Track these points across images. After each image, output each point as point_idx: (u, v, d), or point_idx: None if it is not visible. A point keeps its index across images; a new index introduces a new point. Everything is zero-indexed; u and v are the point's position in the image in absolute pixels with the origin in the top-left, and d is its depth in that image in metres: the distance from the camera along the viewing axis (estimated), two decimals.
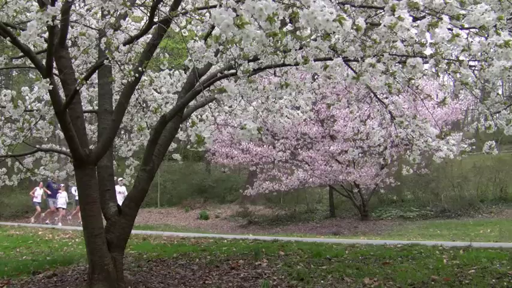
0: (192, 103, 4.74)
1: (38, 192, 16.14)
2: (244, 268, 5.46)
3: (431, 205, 15.63)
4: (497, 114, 3.87)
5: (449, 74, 2.97)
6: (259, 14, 1.80)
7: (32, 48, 4.12)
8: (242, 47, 3.39)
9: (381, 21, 2.18)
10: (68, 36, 4.14)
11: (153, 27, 3.66)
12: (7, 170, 5.53)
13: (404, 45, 2.94)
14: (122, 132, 6.41)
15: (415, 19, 2.56)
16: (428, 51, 2.96)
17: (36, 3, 3.54)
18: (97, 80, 5.06)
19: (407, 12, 2.06)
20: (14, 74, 26.56)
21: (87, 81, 4.12)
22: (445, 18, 2.15)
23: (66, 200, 15.78)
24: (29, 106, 4.86)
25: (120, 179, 14.53)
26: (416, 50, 2.99)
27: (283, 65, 3.45)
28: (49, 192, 15.84)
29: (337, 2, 2.76)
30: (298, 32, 2.87)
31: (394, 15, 2.04)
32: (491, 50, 2.41)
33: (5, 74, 26.50)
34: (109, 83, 4.77)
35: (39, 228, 13.51)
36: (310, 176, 14.56)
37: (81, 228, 5.00)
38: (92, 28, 4.16)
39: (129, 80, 3.89)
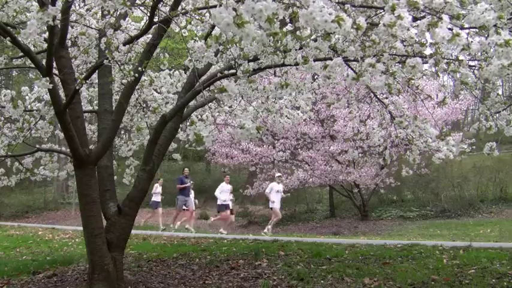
0: (192, 103, 4.74)
1: (158, 190, 13.82)
2: (244, 268, 5.46)
3: (431, 205, 15.65)
4: (497, 115, 3.87)
5: (449, 74, 2.97)
6: (259, 15, 1.80)
7: (32, 48, 4.13)
8: (242, 47, 3.39)
9: (380, 22, 2.17)
10: (68, 36, 4.14)
11: (153, 27, 3.66)
12: (6, 171, 5.52)
13: (404, 45, 2.94)
14: (122, 132, 6.41)
15: (415, 19, 2.56)
16: (428, 51, 2.96)
17: (36, 3, 3.54)
18: (97, 80, 5.06)
19: (407, 11, 2.06)
20: (14, 74, 26.57)
21: (87, 81, 4.13)
22: (445, 17, 2.15)
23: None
24: (28, 106, 4.86)
25: (278, 175, 12.77)
26: (416, 50, 2.99)
27: (283, 65, 3.45)
28: (182, 187, 12.90)
29: (337, 1, 2.76)
30: (298, 32, 2.87)
31: (393, 14, 2.04)
32: (491, 49, 2.41)
33: (5, 74, 26.53)
34: (109, 83, 4.77)
35: (39, 228, 13.51)
36: (310, 176, 14.58)
37: (80, 228, 5.01)
38: (92, 28, 4.16)
39: (129, 80, 3.90)
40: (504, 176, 16.26)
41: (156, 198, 13.82)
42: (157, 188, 13.79)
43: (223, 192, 12.44)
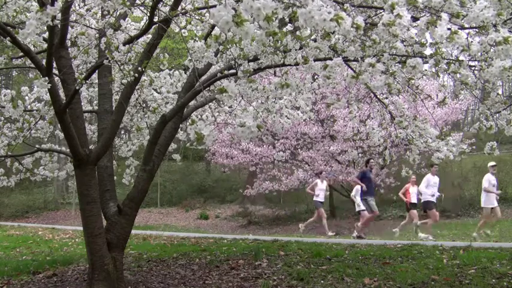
0: (192, 103, 4.74)
1: (321, 187, 11.18)
2: (244, 268, 5.46)
3: None
4: (497, 115, 3.87)
5: (449, 74, 2.97)
6: (258, 13, 1.80)
7: (32, 48, 4.13)
8: (242, 47, 3.39)
9: (380, 21, 2.18)
10: (68, 36, 4.14)
11: (153, 27, 3.66)
12: (6, 171, 5.52)
13: (404, 46, 2.94)
14: (122, 132, 6.42)
15: (415, 19, 2.56)
16: (428, 51, 2.96)
17: (36, 3, 3.54)
18: (97, 80, 5.06)
19: (406, 10, 2.06)
20: (14, 74, 26.57)
21: (87, 81, 4.13)
22: (444, 15, 2.15)
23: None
24: (28, 106, 4.86)
25: (493, 164, 9.56)
26: (416, 50, 2.99)
27: (283, 65, 3.45)
28: (364, 187, 9.81)
29: (336, 1, 2.76)
30: (298, 32, 2.87)
31: (393, 13, 2.04)
32: (491, 50, 2.41)
33: (5, 74, 26.53)
34: (109, 83, 4.77)
35: (39, 228, 13.52)
36: (310, 176, 14.57)
37: (80, 228, 5.01)
38: (92, 28, 4.16)
39: (129, 80, 3.90)
40: (504, 176, 16.26)
41: (319, 197, 11.17)
42: (318, 184, 11.18)
43: (430, 187, 9.69)
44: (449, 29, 2.22)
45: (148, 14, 3.42)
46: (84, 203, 4.28)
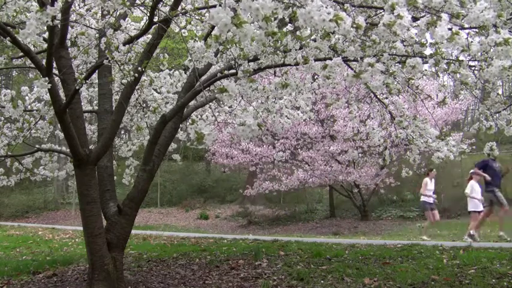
0: (192, 103, 4.74)
1: (430, 187, 9.59)
2: (244, 268, 5.46)
3: None
4: (497, 115, 3.87)
5: (449, 74, 2.97)
6: (256, 13, 1.80)
7: (32, 48, 4.13)
8: (242, 47, 3.39)
9: (380, 21, 2.17)
10: (68, 36, 4.14)
11: (153, 27, 3.66)
12: (5, 170, 5.52)
13: (404, 46, 2.94)
14: (122, 132, 6.43)
15: (415, 19, 2.56)
16: (428, 51, 2.96)
17: (36, 3, 3.54)
18: (97, 80, 5.06)
19: (406, 10, 2.06)
20: (14, 74, 26.57)
21: (87, 81, 4.13)
22: (444, 16, 2.15)
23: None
24: (28, 106, 4.86)
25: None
26: (416, 50, 2.99)
27: (283, 65, 3.45)
28: (488, 178, 8.47)
29: (336, 1, 2.76)
30: (298, 32, 2.87)
31: (393, 13, 2.04)
32: (491, 49, 2.41)
33: (5, 74, 26.52)
34: (109, 83, 4.77)
35: (39, 228, 13.52)
36: (310, 176, 14.57)
37: (80, 228, 5.01)
38: (92, 28, 4.16)
39: (129, 80, 3.90)
40: (504, 176, 16.24)
41: (428, 198, 9.84)
42: (427, 185, 9.79)
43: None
44: (449, 29, 2.22)
45: (148, 14, 3.42)
46: (84, 203, 4.28)
